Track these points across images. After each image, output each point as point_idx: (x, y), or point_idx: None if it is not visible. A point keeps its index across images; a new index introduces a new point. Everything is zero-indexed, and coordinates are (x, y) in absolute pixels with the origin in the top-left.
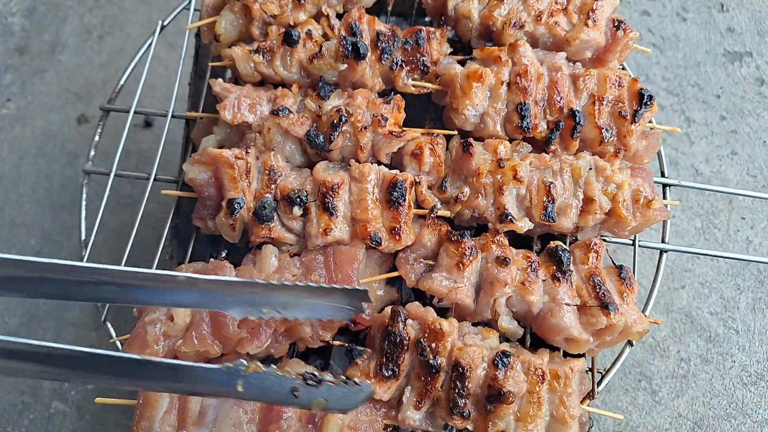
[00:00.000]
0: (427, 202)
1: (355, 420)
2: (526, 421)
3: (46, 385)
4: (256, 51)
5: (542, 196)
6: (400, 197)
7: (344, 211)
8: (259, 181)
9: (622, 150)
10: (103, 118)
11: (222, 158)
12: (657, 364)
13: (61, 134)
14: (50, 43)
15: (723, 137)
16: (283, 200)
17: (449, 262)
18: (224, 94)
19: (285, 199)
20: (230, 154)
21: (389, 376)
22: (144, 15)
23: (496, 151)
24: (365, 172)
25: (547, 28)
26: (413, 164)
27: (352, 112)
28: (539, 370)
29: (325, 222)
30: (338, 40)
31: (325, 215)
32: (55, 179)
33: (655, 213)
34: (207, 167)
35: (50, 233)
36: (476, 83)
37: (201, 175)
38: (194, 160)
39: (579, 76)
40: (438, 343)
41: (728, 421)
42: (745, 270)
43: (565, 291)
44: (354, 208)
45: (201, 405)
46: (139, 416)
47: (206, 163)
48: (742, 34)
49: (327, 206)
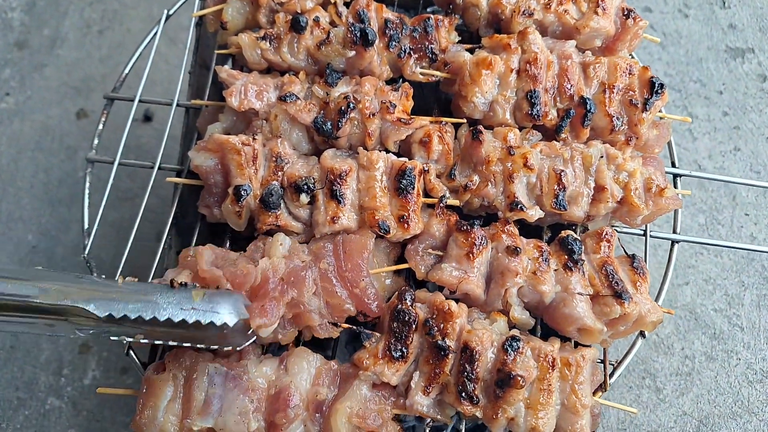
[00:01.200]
0: (436, 191)
1: (364, 408)
2: (536, 409)
3: (42, 381)
4: (263, 38)
5: (553, 185)
6: (408, 185)
7: (352, 198)
8: (266, 168)
9: (633, 138)
10: (107, 107)
11: (229, 144)
12: (661, 362)
13: (60, 129)
14: (50, 37)
15: (726, 133)
16: (290, 188)
17: (459, 252)
18: (231, 81)
19: (292, 186)
20: (237, 140)
21: (398, 356)
22: (144, 9)
23: (506, 139)
24: (373, 159)
25: (556, 16)
26: (421, 152)
27: (360, 99)
28: (549, 357)
29: (332, 210)
30: (346, 27)
31: (333, 203)
32: (54, 174)
33: (668, 201)
34: (213, 154)
35: (48, 228)
36: (485, 71)
37: (207, 161)
38: (200, 147)
39: (589, 64)
40: (447, 324)
41: (734, 420)
42: (749, 266)
43: (577, 280)
44: (362, 195)
45: (206, 393)
46: (142, 405)
47: (213, 150)
48: (743, 31)
49: (335, 194)
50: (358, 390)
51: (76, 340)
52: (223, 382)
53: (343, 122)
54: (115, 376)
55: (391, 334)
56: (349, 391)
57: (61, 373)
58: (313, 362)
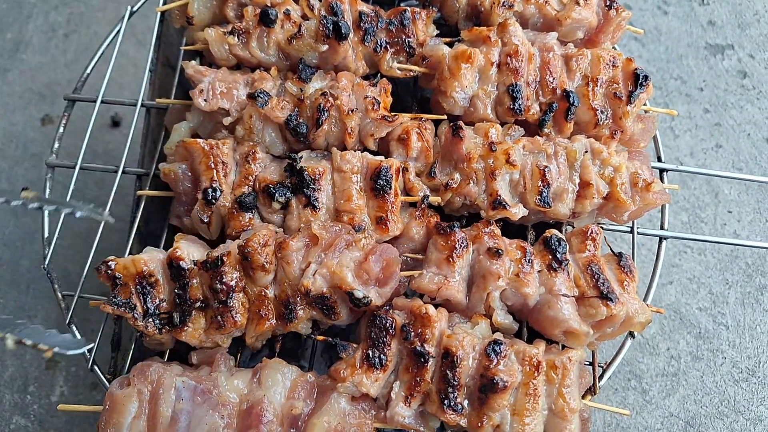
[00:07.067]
0: (415, 190)
1: (342, 423)
2: (522, 415)
3: (7, 400)
4: (230, 32)
5: (537, 181)
6: (385, 185)
7: (327, 203)
8: (237, 173)
9: (618, 132)
10: (68, 108)
11: (196, 147)
12: (646, 363)
13: (24, 136)
14: (13, 41)
15: (707, 130)
16: (263, 193)
17: (438, 256)
18: (198, 78)
19: (264, 191)
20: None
21: (376, 365)
22: (111, 12)
23: (488, 135)
24: (348, 159)
25: (537, 8)
26: (400, 150)
27: (338, 95)
28: (534, 360)
29: (306, 215)
30: (318, 20)
31: (307, 209)
32: (18, 182)
33: (655, 196)
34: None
35: (12, 238)
36: (465, 64)
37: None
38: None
39: (572, 57)
40: (425, 329)
41: (721, 419)
42: (733, 264)
43: (562, 281)
44: (337, 198)
45: (173, 409)
46: (104, 423)
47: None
48: (723, 27)
49: (308, 198)
50: (336, 403)
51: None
52: (191, 396)
53: (322, 120)
54: (85, 392)
55: (368, 341)
56: (327, 405)
57: (27, 390)
58: (288, 374)
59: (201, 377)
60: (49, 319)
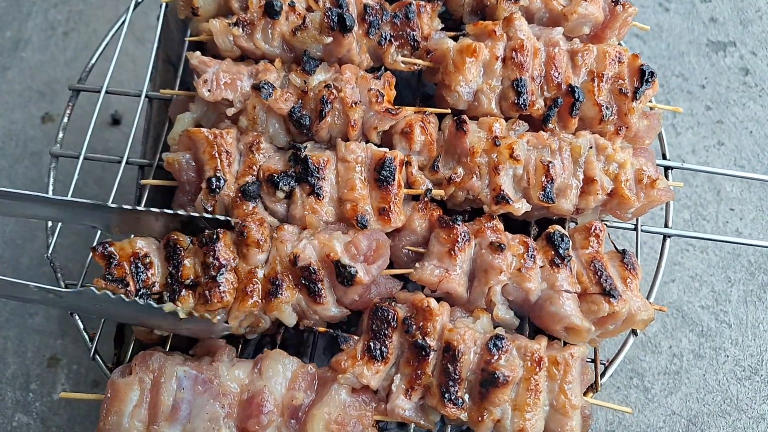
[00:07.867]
0: (418, 183)
1: (343, 414)
2: (523, 410)
3: (9, 397)
4: (235, 24)
5: (540, 176)
6: (389, 176)
7: (330, 191)
8: (241, 162)
9: (623, 128)
10: (72, 98)
11: (200, 136)
12: (649, 361)
13: (24, 134)
14: (12, 39)
15: (709, 128)
16: (266, 182)
17: (440, 249)
18: (202, 68)
19: (268, 180)
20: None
21: (377, 357)
22: (111, 10)
23: (491, 129)
24: (352, 149)
25: (543, 2)
26: (403, 143)
27: (341, 87)
28: (536, 355)
29: (310, 204)
30: (323, 12)
31: (311, 197)
32: (18, 181)
33: (660, 193)
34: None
35: (12, 237)
36: (470, 58)
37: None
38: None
39: (577, 52)
40: (427, 323)
41: (723, 418)
42: (735, 262)
43: (564, 277)
44: (341, 188)
45: (174, 398)
46: (106, 411)
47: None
48: (725, 24)
49: (312, 186)
50: (336, 395)
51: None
52: (192, 386)
53: (325, 112)
54: (86, 389)
55: (370, 333)
56: (327, 396)
57: (29, 388)
58: (288, 365)
59: (202, 367)
60: (50, 316)
